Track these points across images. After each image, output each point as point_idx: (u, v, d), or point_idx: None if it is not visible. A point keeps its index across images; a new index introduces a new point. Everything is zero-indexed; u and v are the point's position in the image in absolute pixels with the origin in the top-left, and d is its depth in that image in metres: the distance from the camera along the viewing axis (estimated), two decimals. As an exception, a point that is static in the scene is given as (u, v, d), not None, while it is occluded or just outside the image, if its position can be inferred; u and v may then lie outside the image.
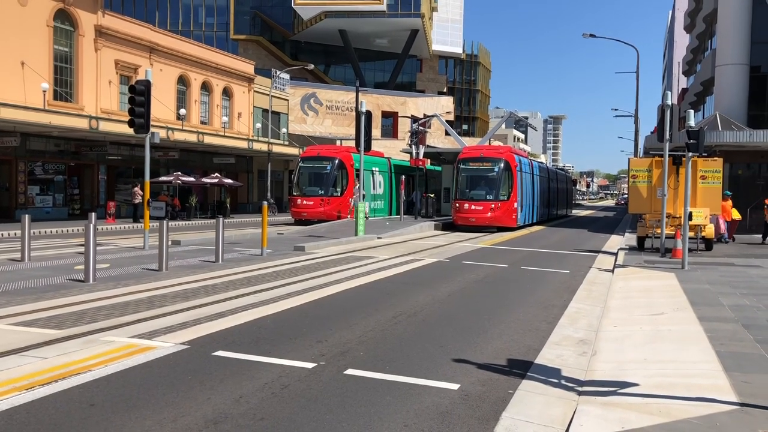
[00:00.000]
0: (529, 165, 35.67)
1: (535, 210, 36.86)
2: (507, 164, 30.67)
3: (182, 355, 7.24)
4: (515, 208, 30.85)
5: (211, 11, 69.87)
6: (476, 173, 30.90)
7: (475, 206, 29.86)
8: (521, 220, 32.33)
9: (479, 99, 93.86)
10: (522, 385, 6.44)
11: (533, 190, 36.16)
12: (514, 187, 30.69)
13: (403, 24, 65.55)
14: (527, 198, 34.00)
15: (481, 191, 30.48)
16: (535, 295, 12.41)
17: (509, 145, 38.06)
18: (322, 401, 5.83)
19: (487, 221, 30.02)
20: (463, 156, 31.79)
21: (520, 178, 31.84)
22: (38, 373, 6.35)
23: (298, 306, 10.44)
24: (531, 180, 35.34)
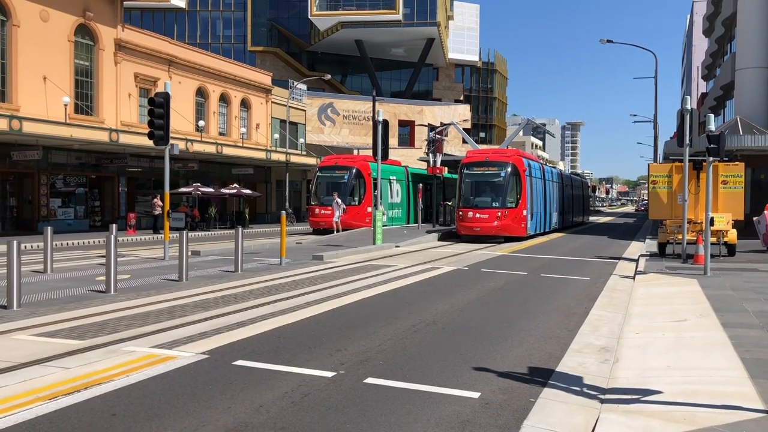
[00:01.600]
0: (540, 170, 33.62)
1: (549, 217, 35.07)
2: (514, 168, 28.50)
3: (203, 364, 7.27)
4: (524, 216, 28.69)
5: (229, 24, 70.59)
6: (481, 179, 28.68)
7: (480, 214, 27.58)
8: (532, 229, 30.39)
9: (496, 106, 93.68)
10: (543, 393, 6.38)
11: (545, 197, 34.21)
12: (522, 194, 28.54)
13: (419, 33, 65.73)
14: (538, 205, 31.97)
15: (487, 198, 28.35)
16: (555, 302, 12.31)
17: (517, 149, 34.94)
18: (342, 410, 5.82)
19: (494, 230, 27.77)
20: (467, 160, 29.54)
21: (530, 183, 29.76)
22: (61, 383, 6.41)
23: (317, 315, 10.44)
24: (542, 186, 33.45)
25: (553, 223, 36.05)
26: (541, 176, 33.27)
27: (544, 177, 33.99)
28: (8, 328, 9.01)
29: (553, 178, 36.88)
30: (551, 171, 37.36)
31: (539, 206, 32.16)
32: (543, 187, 33.33)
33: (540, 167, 33.55)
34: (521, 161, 29.22)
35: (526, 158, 31.02)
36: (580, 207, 49.61)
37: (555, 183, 37.46)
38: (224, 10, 70.81)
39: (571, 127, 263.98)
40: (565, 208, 41.21)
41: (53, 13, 30.98)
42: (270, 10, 69.35)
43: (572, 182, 45.72)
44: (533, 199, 30.31)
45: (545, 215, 33.87)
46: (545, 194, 34.03)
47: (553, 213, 36.05)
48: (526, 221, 28.91)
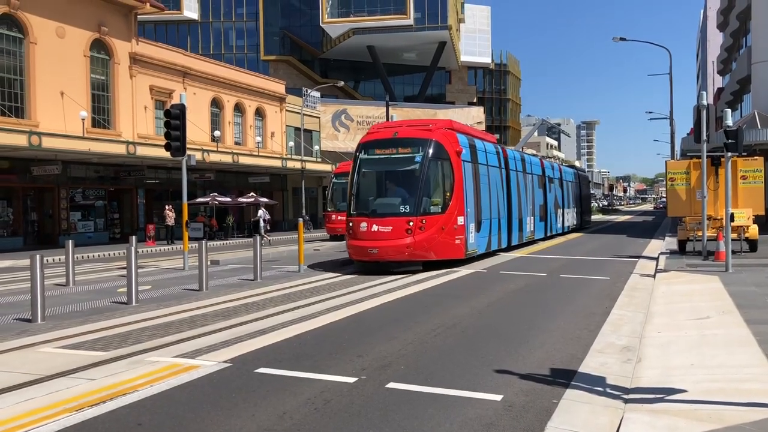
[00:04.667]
0: (498, 155, 23.45)
1: (520, 225, 25.37)
2: (439, 150, 17.85)
3: (225, 373, 7.32)
4: (460, 227, 18.27)
5: (241, 34, 71.11)
6: (385, 167, 18.29)
7: (380, 226, 16.93)
8: (480, 245, 20.24)
9: (510, 108, 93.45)
10: (566, 394, 6.35)
11: (511, 195, 24.30)
12: (456, 190, 18.15)
13: (431, 37, 65.79)
14: (493, 207, 21.82)
15: (392, 199, 17.90)
16: (575, 303, 12.25)
17: (449, 119, 24.79)
18: (364, 415, 5.84)
19: (404, 252, 16.98)
20: (366, 138, 19.00)
21: (472, 173, 19.75)
22: (87, 394, 6.48)
23: (338, 321, 10.47)
24: (503, 178, 23.63)
25: (527, 232, 26.54)
26: (500, 164, 23.37)
27: (506, 166, 24.20)
28: (34, 341, 9.14)
29: (528, 170, 27.44)
30: (522, 159, 27.13)
31: (494, 209, 22.10)
32: (504, 180, 23.75)
33: (498, 151, 23.79)
34: (452, 138, 18.71)
35: (463, 133, 20.43)
36: (575, 208, 39.32)
37: (533, 176, 28.12)
38: (237, 21, 71.37)
39: (587, 126, 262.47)
40: (553, 211, 32.07)
41: (69, 29, 31.40)
42: (282, 19, 69.77)
43: (564, 176, 35.79)
44: (480, 199, 20.32)
45: (511, 222, 24.17)
46: (509, 191, 24.25)
47: (527, 218, 26.50)
48: (465, 234, 18.61)
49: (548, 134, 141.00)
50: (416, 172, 17.53)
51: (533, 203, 27.82)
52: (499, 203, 22.74)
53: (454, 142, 18.62)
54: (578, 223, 39.99)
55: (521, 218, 25.55)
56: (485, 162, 21.53)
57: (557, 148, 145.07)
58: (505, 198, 23.74)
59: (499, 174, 23.08)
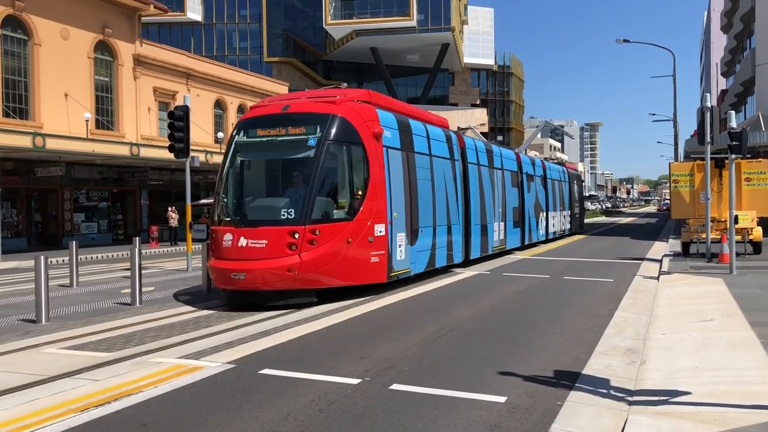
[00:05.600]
0: (449, 143, 17.89)
1: (480, 231, 20.02)
2: (344, 130, 12.90)
3: (229, 374, 7.33)
4: (379, 238, 13.26)
5: (245, 35, 71.26)
6: (266, 154, 13.26)
7: (250, 240, 11.88)
8: (413, 261, 14.92)
9: (513, 109, 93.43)
10: (570, 396, 6.35)
11: (464, 194, 18.81)
12: (373, 186, 13.21)
13: (434, 39, 65.82)
14: (434, 210, 16.24)
15: (270, 202, 12.80)
16: (579, 305, 12.24)
17: (368, 90, 15.36)
18: (368, 417, 5.84)
19: (283, 278, 11.75)
20: (247, 116, 13.89)
21: (403, 165, 14.61)
22: (91, 395, 6.50)
23: (340, 322, 10.48)
24: (455, 173, 18.06)
25: (495, 241, 21.62)
26: (452, 155, 17.97)
27: (464, 158, 19.03)
28: (38, 342, 9.16)
29: (496, 164, 22.28)
30: (489, 151, 21.91)
31: (441, 213, 16.73)
32: (460, 176, 18.49)
33: (450, 138, 18.12)
34: (368, 114, 13.60)
35: (393, 110, 15.27)
36: (564, 211, 33.96)
37: (504, 173, 23.03)
38: (240, 23, 71.52)
39: (590, 128, 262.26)
40: (533, 214, 26.96)
41: (73, 30, 31.49)
42: (285, 20, 69.89)
43: (549, 174, 30.57)
44: (416, 200, 15.11)
45: (469, 230, 18.98)
46: (468, 191, 19.04)
47: (495, 224, 21.57)
48: (389, 248, 13.57)
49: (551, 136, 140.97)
50: (309, 161, 12.21)
51: (504, 205, 22.73)
52: (450, 205, 17.36)
53: (370, 120, 13.38)
54: (568, 229, 34.64)
55: (485, 224, 20.47)
56: (427, 151, 16.08)
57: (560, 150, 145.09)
58: (461, 199, 18.44)
59: (451, 168, 17.73)
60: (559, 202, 32.33)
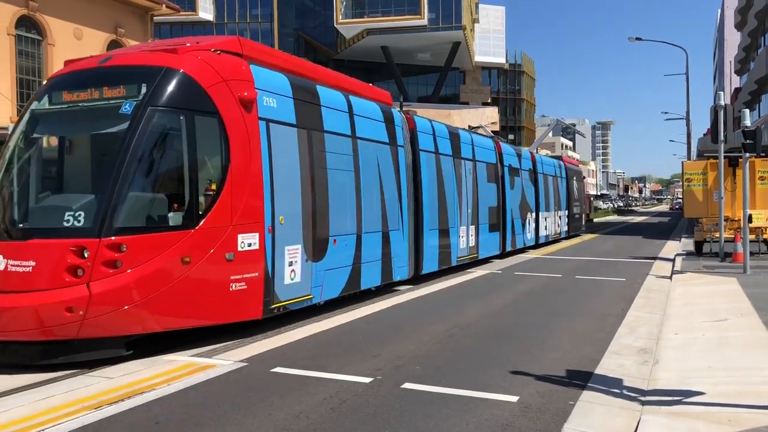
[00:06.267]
0: (388, 123, 13.90)
1: (437, 238, 15.92)
2: (184, 89, 8.62)
3: (241, 372, 7.36)
4: (248, 253, 9.05)
5: (256, 35, 71.36)
6: (68, 127, 9.10)
7: (13, 261, 7.72)
8: (316, 285, 10.72)
9: (525, 108, 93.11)
10: (583, 395, 6.33)
11: (414, 190, 14.89)
12: (235, 176, 8.94)
13: (445, 37, 65.68)
14: (358, 211, 12.24)
15: (51, 202, 8.76)
16: (591, 304, 12.19)
17: (234, 36, 10.17)
18: (380, 416, 5.85)
19: (60, 323, 7.45)
20: (54, 75, 10.19)
21: (301, 147, 10.50)
22: (105, 392, 6.54)
23: (351, 321, 10.49)
24: (398, 163, 14.04)
25: (461, 249, 17.43)
26: (393, 140, 13.92)
27: (414, 143, 15.07)
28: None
29: (465, 154, 18.17)
30: (454, 137, 17.70)
31: (372, 215, 12.82)
32: (405, 167, 14.37)
33: (390, 118, 14.07)
34: (231, 70, 9.29)
35: (274, 67, 10.49)
36: (561, 211, 29.97)
37: (476, 165, 18.92)
38: (251, 22, 71.70)
39: (602, 127, 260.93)
40: (518, 215, 22.83)
41: (86, 30, 31.68)
42: (296, 20, 70.01)
43: (541, 168, 26.59)
44: (323, 198, 11.10)
45: (420, 237, 14.97)
46: (418, 186, 15.09)
47: (460, 229, 17.38)
48: (267, 269, 9.41)
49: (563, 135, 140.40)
50: (118, 138, 8.25)
51: (476, 205, 18.64)
52: (388, 206, 13.28)
53: (235, 80, 9.13)
54: (565, 231, 30.82)
55: (445, 229, 16.35)
56: (348, 131, 11.89)
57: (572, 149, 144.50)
58: (408, 197, 14.28)
59: (391, 156, 13.59)
60: (553, 200, 28.26)
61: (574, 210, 33.01)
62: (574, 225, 33.14)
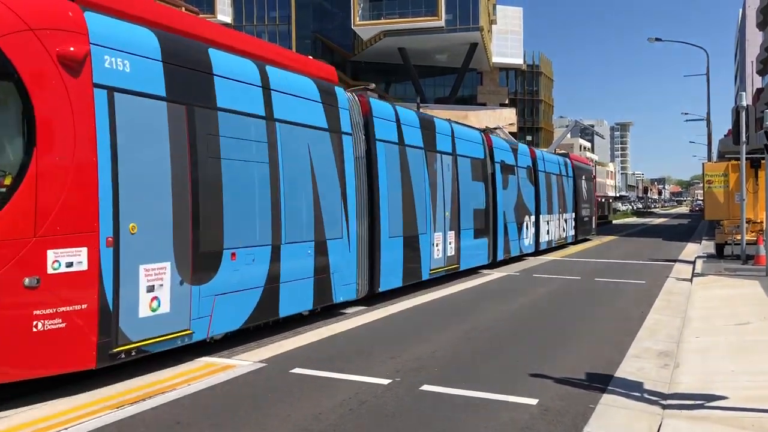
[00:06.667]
0: (329, 103, 11.09)
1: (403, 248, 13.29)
2: None
3: (261, 372, 7.40)
4: (57, 280, 6.32)
5: (274, 37, 71.70)
6: None
7: None
8: (194, 316, 7.87)
9: (542, 109, 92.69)
10: (603, 399, 6.29)
11: (367, 189, 12.24)
12: (37, 162, 6.28)
13: (462, 38, 65.55)
14: (277, 214, 9.43)
15: None
16: (611, 307, 12.11)
17: None
18: (399, 418, 5.85)
19: None
20: None
21: (172, 129, 7.73)
22: (126, 392, 6.60)
23: (369, 323, 10.50)
24: (342, 153, 11.23)
25: (437, 260, 14.88)
26: (335, 122, 11.20)
27: (368, 133, 12.55)
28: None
29: (443, 146, 15.51)
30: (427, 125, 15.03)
31: (302, 222, 10.09)
32: (355, 159, 11.84)
33: (321, 92, 10.94)
34: (37, 12, 6.52)
35: (128, 17, 7.57)
36: (566, 214, 27.12)
37: (456, 159, 16.15)
38: (269, 24, 72.08)
39: (620, 128, 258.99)
40: (512, 219, 20.13)
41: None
42: (314, 22, 70.28)
43: (543, 166, 23.94)
44: (213, 198, 8.31)
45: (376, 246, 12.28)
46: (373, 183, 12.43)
47: (434, 235, 14.71)
48: (106, 298, 6.73)
49: (581, 136, 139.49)
50: None
51: (456, 207, 15.89)
52: (325, 208, 10.57)
53: (56, 30, 6.64)
54: (572, 235, 28.22)
55: (412, 236, 13.57)
56: (259, 110, 9.35)
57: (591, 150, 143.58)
58: (357, 197, 11.62)
59: (332, 147, 10.90)
60: (557, 202, 25.64)
61: (583, 212, 30.53)
62: (583, 229, 30.53)
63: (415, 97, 58.51)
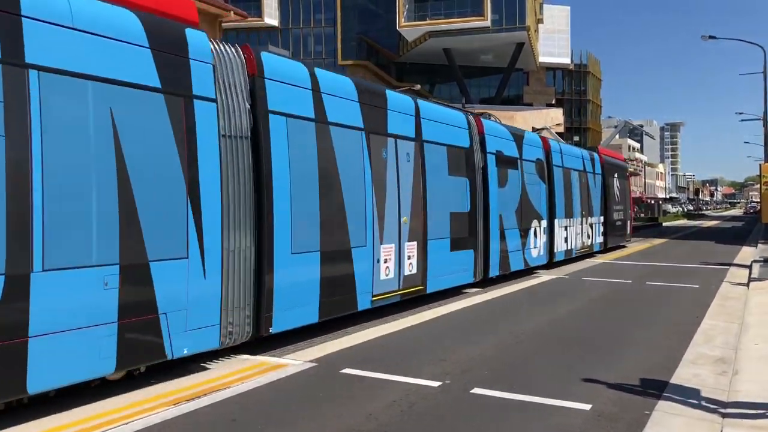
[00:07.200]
0: (171, 50, 7.07)
1: (327, 270, 9.43)
2: None
3: (311, 372, 7.48)
4: None
5: (320, 40, 72.36)
6: None
7: None
8: None
9: (590, 109, 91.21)
10: (658, 405, 6.16)
11: (255, 191, 8.29)
12: None
13: (509, 38, 64.98)
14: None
15: None
16: (663, 311, 11.86)
17: None
18: (450, 420, 5.85)
19: None
20: None
21: None
22: (181, 389, 6.75)
23: (417, 325, 10.50)
24: (182, 126, 7.14)
25: (380, 283, 10.75)
26: (183, 79, 7.20)
27: (253, 100, 8.37)
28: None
29: (377, 125, 10.91)
30: (351, 90, 10.38)
31: (115, 235, 6.38)
32: (199, 131, 7.39)
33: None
34: None
35: None
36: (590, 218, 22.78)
37: (413, 144, 11.93)
38: (315, 27, 72.68)
39: (671, 128, 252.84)
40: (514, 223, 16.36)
41: (158, 38, 32.69)
42: (359, 24, 70.58)
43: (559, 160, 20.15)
44: None
45: (267, 269, 8.29)
46: (268, 176, 8.42)
47: (378, 250, 10.66)
48: None
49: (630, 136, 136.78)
50: None
51: (420, 210, 12.01)
52: (144, 205, 6.76)
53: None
54: (599, 243, 24.11)
55: (343, 250, 9.94)
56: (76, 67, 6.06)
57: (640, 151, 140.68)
58: (236, 197, 8.08)
59: (165, 118, 7.05)
60: (580, 203, 21.57)
61: (614, 216, 25.97)
62: (615, 235, 26.15)
63: (460, 97, 58.22)
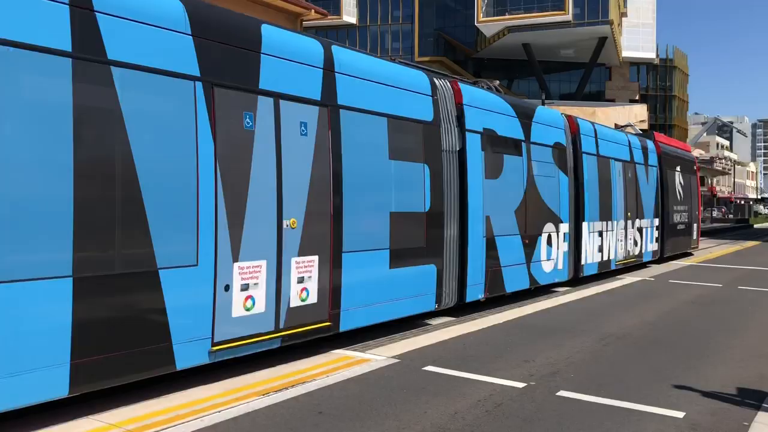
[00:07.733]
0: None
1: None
2: None
3: (394, 368, 7.53)
4: None
5: (397, 36, 72.64)
6: None
7: None
8: None
9: (676, 105, 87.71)
10: (758, 417, 5.89)
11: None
12: None
13: (590, 32, 63.30)
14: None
15: None
16: (759, 317, 11.31)
17: None
18: (537, 422, 5.77)
19: None
20: None
21: None
22: (269, 380, 6.94)
23: (500, 324, 10.40)
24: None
25: (216, 325, 6.70)
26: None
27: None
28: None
29: (248, 78, 7.01)
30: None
31: None
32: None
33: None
34: None
35: None
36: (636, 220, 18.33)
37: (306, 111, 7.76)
38: (392, 23, 72.99)
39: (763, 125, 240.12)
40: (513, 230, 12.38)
41: (242, 37, 33.63)
42: (437, 20, 70.44)
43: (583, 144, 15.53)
44: None
45: None
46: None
47: (226, 270, 6.75)
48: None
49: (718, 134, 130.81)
50: None
51: (328, 210, 8.13)
52: None
53: None
54: (651, 251, 19.64)
55: (148, 278, 6.05)
56: None
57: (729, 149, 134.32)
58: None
59: None
60: (622, 202, 17.43)
61: (675, 218, 21.50)
62: (675, 241, 21.78)
63: (540, 93, 57.16)
